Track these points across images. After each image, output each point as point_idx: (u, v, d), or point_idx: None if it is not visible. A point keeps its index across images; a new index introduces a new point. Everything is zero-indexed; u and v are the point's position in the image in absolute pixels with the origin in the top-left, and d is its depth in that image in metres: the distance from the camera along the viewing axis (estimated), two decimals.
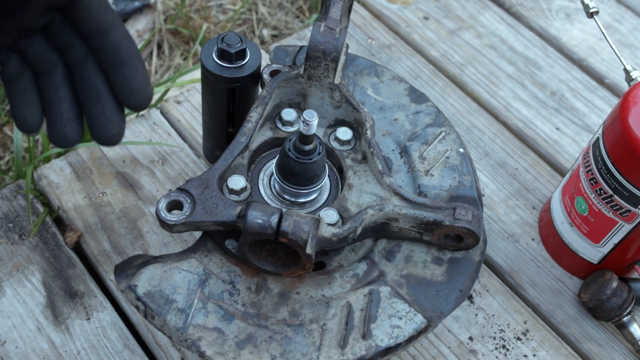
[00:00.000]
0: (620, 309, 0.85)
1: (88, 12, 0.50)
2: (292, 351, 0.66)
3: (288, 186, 0.70)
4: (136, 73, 0.51)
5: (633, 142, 0.74)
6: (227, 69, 0.77)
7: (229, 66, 0.77)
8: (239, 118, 0.83)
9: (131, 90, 0.52)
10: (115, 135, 0.53)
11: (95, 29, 0.50)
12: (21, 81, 0.52)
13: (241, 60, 0.78)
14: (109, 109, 0.52)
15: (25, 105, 0.52)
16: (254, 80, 0.80)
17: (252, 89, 0.81)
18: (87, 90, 0.52)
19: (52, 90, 0.52)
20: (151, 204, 0.94)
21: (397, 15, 1.21)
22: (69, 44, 0.51)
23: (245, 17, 1.45)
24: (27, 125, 0.52)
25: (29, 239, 0.90)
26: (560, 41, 1.20)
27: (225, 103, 0.81)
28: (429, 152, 0.79)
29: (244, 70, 0.78)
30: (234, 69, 0.77)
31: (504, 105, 1.11)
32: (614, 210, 0.81)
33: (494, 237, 0.96)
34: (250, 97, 0.82)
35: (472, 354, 0.85)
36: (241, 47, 0.77)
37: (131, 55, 0.51)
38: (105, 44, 0.51)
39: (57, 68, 0.52)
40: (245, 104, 0.81)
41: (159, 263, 0.68)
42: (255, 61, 0.78)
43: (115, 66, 0.51)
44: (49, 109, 0.52)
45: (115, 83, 0.52)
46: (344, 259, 0.73)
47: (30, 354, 0.81)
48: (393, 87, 0.84)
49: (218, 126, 0.85)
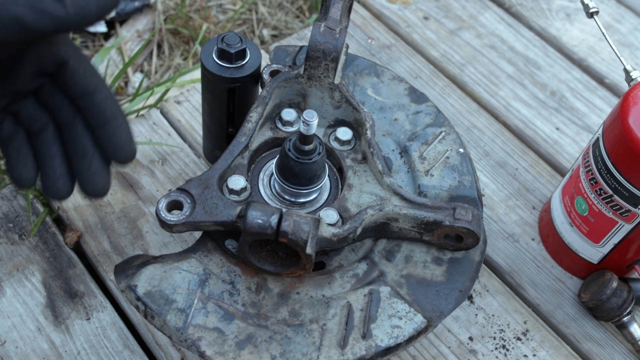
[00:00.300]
0: (620, 309, 0.85)
1: (74, 77, 0.55)
2: (292, 351, 0.66)
3: (288, 186, 0.70)
4: (120, 130, 0.56)
5: (633, 142, 0.74)
6: (227, 69, 0.77)
7: (229, 66, 0.77)
8: (239, 118, 0.83)
9: (116, 146, 0.56)
10: (101, 189, 0.57)
11: (81, 91, 0.55)
12: (15, 140, 0.56)
13: (241, 60, 0.78)
14: (96, 164, 0.56)
15: (20, 163, 0.56)
16: (254, 80, 0.80)
17: (252, 89, 0.81)
18: (75, 147, 0.56)
19: (45, 147, 0.56)
20: (151, 204, 0.94)
21: (397, 15, 1.21)
22: (59, 105, 0.56)
23: (245, 17, 1.45)
24: (22, 180, 0.56)
25: (29, 239, 0.90)
26: (560, 41, 1.20)
27: (225, 103, 0.81)
28: (429, 152, 0.79)
29: (244, 70, 0.78)
30: (234, 69, 0.77)
31: (504, 105, 1.11)
32: (614, 210, 0.81)
33: (494, 237, 0.96)
34: (250, 97, 0.82)
35: (472, 354, 0.85)
36: (241, 47, 0.77)
37: (115, 114, 0.56)
38: (91, 105, 0.55)
39: (49, 127, 0.57)
40: (245, 104, 0.81)
41: (159, 263, 0.68)
42: (255, 61, 0.78)
43: (100, 125, 0.55)
44: (42, 165, 0.57)
45: (101, 140, 0.56)
46: (344, 259, 0.73)
47: (30, 354, 0.81)
48: (393, 87, 0.84)
49: (218, 126, 0.85)
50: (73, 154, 0.57)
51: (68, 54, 0.54)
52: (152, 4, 1.45)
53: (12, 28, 0.47)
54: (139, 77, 1.36)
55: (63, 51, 0.54)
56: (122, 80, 1.35)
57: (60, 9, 0.48)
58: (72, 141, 0.56)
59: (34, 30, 0.48)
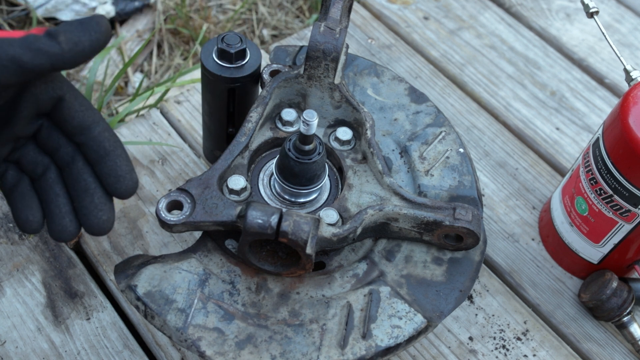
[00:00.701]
0: (620, 309, 0.85)
1: (71, 111, 0.55)
2: (292, 351, 0.66)
3: (288, 186, 0.70)
4: (120, 161, 0.56)
5: (633, 142, 0.74)
6: (227, 69, 0.77)
7: (229, 66, 0.77)
8: (239, 118, 0.83)
9: (117, 178, 0.56)
10: (104, 222, 0.57)
11: (79, 126, 0.56)
12: (20, 187, 0.57)
13: (241, 60, 0.78)
14: (98, 198, 0.56)
15: (26, 208, 0.57)
16: (254, 80, 0.80)
17: (252, 89, 0.81)
18: (77, 184, 0.57)
19: (48, 189, 0.57)
20: (151, 204, 0.94)
21: (397, 15, 1.21)
22: (58, 144, 0.57)
23: (245, 17, 1.45)
24: (29, 224, 0.57)
25: (29, 239, 0.90)
26: (560, 41, 1.20)
27: (225, 103, 0.81)
28: (429, 152, 0.79)
29: (244, 70, 0.78)
30: (234, 69, 0.77)
31: (504, 105, 1.11)
32: (614, 210, 0.81)
33: (494, 237, 0.96)
34: (251, 97, 0.82)
35: (472, 354, 0.85)
36: (241, 47, 0.76)
37: (114, 146, 0.56)
38: (89, 139, 0.56)
39: (50, 169, 0.57)
40: (246, 104, 0.81)
41: (159, 263, 0.68)
42: (255, 61, 0.78)
43: (100, 158, 0.56)
44: (47, 206, 0.57)
45: (102, 174, 0.56)
46: (344, 259, 0.73)
47: (30, 354, 0.81)
48: (393, 87, 0.84)
49: (218, 126, 0.85)
50: (75, 191, 0.57)
51: (63, 89, 0.55)
52: (152, 4, 1.45)
53: (11, 69, 0.48)
54: (139, 77, 1.36)
55: (58, 87, 0.55)
56: (122, 80, 1.35)
57: (56, 47, 0.49)
58: (73, 179, 0.57)
59: (32, 70, 0.49)
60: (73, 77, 1.35)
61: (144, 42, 1.12)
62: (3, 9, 1.41)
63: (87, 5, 1.38)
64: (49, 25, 1.40)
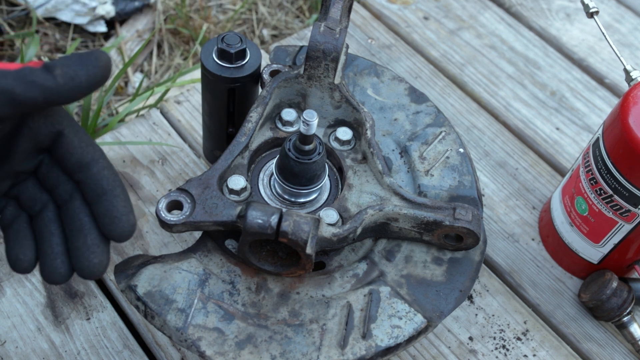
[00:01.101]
0: (620, 309, 0.85)
1: (70, 147, 0.54)
2: (292, 351, 0.66)
3: (288, 186, 0.70)
4: (116, 202, 0.54)
5: (633, 142, 0.74)
6: (227, 69, 0.77)
7: (229, 66, 0.77)
8: (239, 118, 0.83)
9: (111, 219, 0.54)
10: (96, 265, 0.54)
11: (77, 163, 0.54)
12: (16, 224, 0.56)
13: (241, 60, 0.78)
14: (91, 239, 0.54)
15: (18, 246, 0.55)
16: (254, 80, 0.80)
17: (252, 89, 0.81)
18: (72, 223, 0.54)
19: (43, 227, 0.55)
20: (151, 204, 0.94)
21: (397, 15, 1.21)
22: (57, 181, 0.55)
23: (245, 17, 1.45)
24: (19, 263, 0.55)
25: None
26: (560, 41, 1.20)
27: (225, 103, 0.81)
28: (429, 152, 0.79)
29: (244, 70, 0.77)
30: (234, 69, 0.77)
31: (504, 105, 1.11)
32: (614, 210, 0.81)
33: (494, 237, 0.96)
34: (250, 97, 0.82)
35: (472, 354, 0.85)
36: (241, 47, 0.76)
37: (112, 185, 0.54)
38: (88, 177, 0.54)
39: (48, 206, 0.56)
40: (245, 103, 0.81)
41: (159, 263, 0.68)
42: (255, 61, 0.78)
43: (97, 197, 0.54)
44: (41, 245, 0.55)
45: (98, 214, 0.54)
46: (344, 259, 0.73)
47: (30, 354, 0.81)
48: (393, 87, 0.84)
49: (218, 126, 0.85)
50: (70, 231, 0.54)
51: (63, 124, 0.54)
52: (152, 4, 1.45)
53: (3, 101, 0.47)
54: (139, 77, 1.36)
55: (58, 122, 0.53)
56: (122, 80, 1.35)
57: (51, 80, 0.48)
58: (69, 217, 0.55)
59: (25, 103, 0.47)
60: None
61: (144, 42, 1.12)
62: (3, 9, 1.41)
63: (87, 5, 1.38)
64: (48, 25, 1.40)
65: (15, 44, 1.36)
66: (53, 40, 1.40)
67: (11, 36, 1.33)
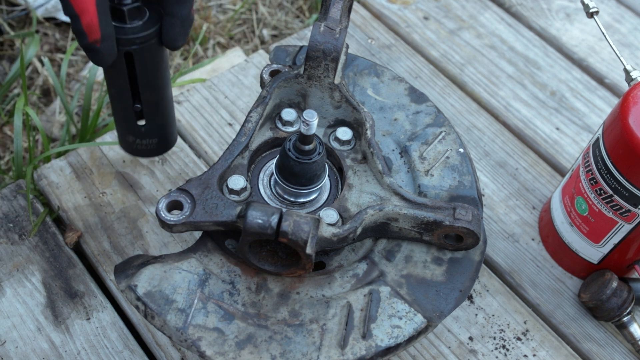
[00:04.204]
0: (620, 309, 0.85)
1: None
2: (292, 351, 0.66)
3: (288, 186, 0.70)
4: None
5: (633, 142, 0.74)
6: (120, 29, 0.66)
7: (123, 26, 0.67)
8: (146, 90, 0.73)
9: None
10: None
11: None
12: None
13: (138, 19, 0.67)
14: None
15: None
16: (158, 42, 0.69)
17: (156, 52, 0.70)
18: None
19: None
20: (151, 204, 0.94)
21: (397, 15, 1.21)
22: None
23: (245, 17, 1.45)
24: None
25: (29, 239, 0.90)
26: (560, 41, 1.20)
27: (123, 71, 0.70)
28: (429, 152, 0.79)
29: (142, 30, 0.67)
30: (129, 29, 0.67)
31: (504, 105, 1.11)
32: (614, 210, 0.81)
33: (494, 237, 0.96)
34: (157, 63, 0.71)
35: (472, 354, 0.85)
36: (135, 5, 0.66)
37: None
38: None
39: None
40: (152, 71, 0.71)
41: (159, 263, 0.68)
42: (156, 19, 0.69)
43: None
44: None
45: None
46: (344, 259, 0.73)
47: (30, 354, 0.81)
48: (393, 87, 0.84)
49: (120, 102, 0.75)
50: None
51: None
52: None
53: None
54: None
55: None
56: None
57: None
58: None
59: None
60: (73, 77, 1.35)
61: None
62: (3, 9, 1.41)
63: None
64: (48, 25, 1.40)
65: (15, 44, 1.36)
66: (53, 40, 1.40)
67: (11, 36, 1.33)
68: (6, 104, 1.26)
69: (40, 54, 1.36)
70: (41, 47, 1.37)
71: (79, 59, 1.38)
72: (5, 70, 1.33)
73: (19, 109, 0.98)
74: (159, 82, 0.74)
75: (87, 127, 1.04)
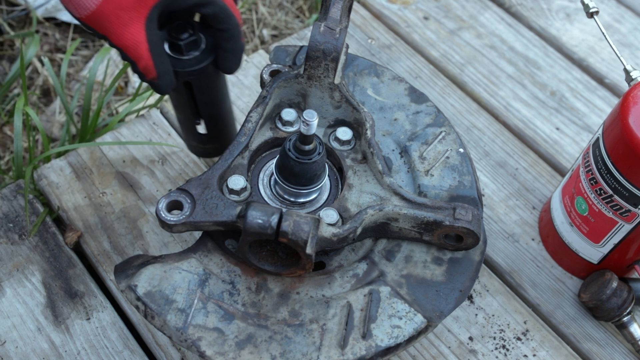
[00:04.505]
0: (620, 309, 0.85)
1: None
2: (292, 351, 0.66)
3: (288, 186, 0.70)
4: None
5: (633, 142, 0.74)
6: (178, 62, 0.72)
7: (181, 58, 0.72)
8: (205, 110, 0.79)
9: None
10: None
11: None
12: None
13: (194, 51, 0.72)
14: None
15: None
16: (214, 68, 0.74)
17: (214, 79, 0.75)
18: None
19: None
20: (151, 204, 0.94)
21: (397, 15, 1.21)
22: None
23: (245, 17, 1.45)
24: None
25: (29, 239, 0.90)
26: (560, 41, 1.20)
27: (184, 96, 0.76)
28: (429, 152, 0.79)
29: (198, 62, 0.72)
30: (186, 61, 0.72)
31: (504, 105, 1.11)
32: (614, 210, 0.81)
33: (494, 237, 0.96)
34: (215, 87, 0.76)
35: (472, 354, 0.85)
36: (192, 38, 0.71)
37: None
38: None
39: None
40: (209, 95, 0.76)
41: (159, 263, 0.68)
42: (212, 49, 0.73)
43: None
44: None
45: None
46: (344, 259, 0.73)
47: (30, 354, 0.81)
48: (393, 87, 0.84)
49: (185, 119, 0.81)
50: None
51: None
52: None
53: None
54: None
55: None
56: (122, 80, 1.35)
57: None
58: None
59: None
60: (73, 77, 1.35)
61: None
62: (3, 9, 1.41)
63: None
64: (48, 25, 1.40)
65: (15, 44, 1.36)
66: (53, 40, 1.40)
67: (11, 36, 1.33)
68: (6, 104, 1.26)
69: (40, 54, 1.36)
70: (41, 47, 1.37)
71: (79, 59, 1.38)
72: (5, 70, 1.33)
73: (19, 109, 0.98)
74: (217, 99, 0.79)
75: (87, 127, 1.04)
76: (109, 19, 0.63)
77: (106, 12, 0.63)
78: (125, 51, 0.65)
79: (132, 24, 0.64)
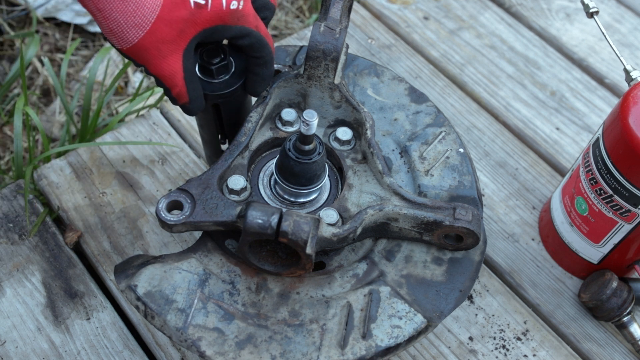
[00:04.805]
0: (620, 309, 0.85)
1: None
2: (292, 351, 0.66)
3: (288, 186, 0.70)
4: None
5: (633, 142, 0.74)
6: (209, 85, 0.72)
7: (212, 81, 0.72)
8: (231, 131, 0.80)
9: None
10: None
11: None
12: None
13: (224, 74, 0.73)
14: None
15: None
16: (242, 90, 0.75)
17: (242, 101, 0.77)
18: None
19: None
20: (151, 204, 0.94)
21: (397, 15, 1.21)
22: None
23: None
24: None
25: (29, 239, 0.90)
26: (560, 41, 1.20)
27: (211, 118, 0.77)
28: (429, 152, 0.79)
29: (228, 85, 0.73)
30: (217, 84, 0.72)
31: (504, 105, 1.11)
32: (614, 210, 0.81)
33: (494, 237, 0.96)
34: (242, 109, 0.78)
35: (472, 354, 0.85)
36: (222, 63, 0.72)
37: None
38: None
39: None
40: (236, 116, 0.78)
41: (159, 263, 0.68)
42: (241, 72, 0.73)
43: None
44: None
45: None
46: (344, 259, 0.73)
47: (30, 354, 0.81)
48: (393, 87, 0.84)
49: (210, 138, 0.83)
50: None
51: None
52: None
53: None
54: (139, 77, 1.36)
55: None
56: (122, 80, 1.35)
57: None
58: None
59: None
60: (73, 77, 1.35)
61: None
62: (3, 9, 1.41)
63: None
64: (48, 25, 1.40)
65: (15, 44, 1.36)
66: (53, 40, 1.40)
67: (11, 36, 1.33)
68: (6, 104, 1.26)
69: (40, 54, 1.36)
70: (41, 47, 1.37)
71: (79, 59, 1.38)
72: (5, 70, 1.33)
73: (19, 109, 0.98)
74: (243, 120, 0.79)
75: (87, 127, 1.04)
76: (150, 52, 0.64)
77: (147, 45, 0.63)
78: (162, 80, 0.67)
79: (170, 56, 0.65)
